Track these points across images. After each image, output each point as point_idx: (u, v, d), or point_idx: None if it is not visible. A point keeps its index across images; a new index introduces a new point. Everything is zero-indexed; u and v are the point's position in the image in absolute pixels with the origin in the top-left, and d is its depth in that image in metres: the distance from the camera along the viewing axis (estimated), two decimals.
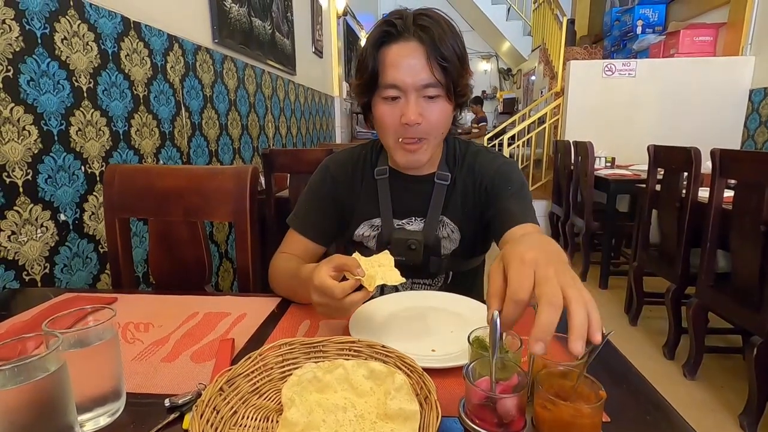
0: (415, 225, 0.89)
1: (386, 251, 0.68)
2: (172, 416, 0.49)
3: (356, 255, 0.65)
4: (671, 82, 3.34)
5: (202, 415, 0.43)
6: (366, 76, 0.79)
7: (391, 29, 0.76)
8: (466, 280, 0.95)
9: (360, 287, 0.61)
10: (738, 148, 3.19)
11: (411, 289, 0.92)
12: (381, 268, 0.64)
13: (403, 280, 0.64)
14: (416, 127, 0.77)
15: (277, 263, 0.87)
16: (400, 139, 0.80)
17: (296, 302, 0.80)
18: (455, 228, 0.89)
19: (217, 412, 0.46)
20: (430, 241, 0.87)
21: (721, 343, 2.05)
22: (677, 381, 1.81)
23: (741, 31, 3.10)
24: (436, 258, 0.89)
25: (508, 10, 7.54)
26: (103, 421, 0.49)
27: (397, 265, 0.88)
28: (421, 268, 0.89)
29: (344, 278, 0.63)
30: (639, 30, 3.89)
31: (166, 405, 0.50)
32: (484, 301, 0.77)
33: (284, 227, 0.94)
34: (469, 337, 0.51)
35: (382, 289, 0.93)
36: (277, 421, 0.48)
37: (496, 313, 0.45)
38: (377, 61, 0.77)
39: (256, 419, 0.48)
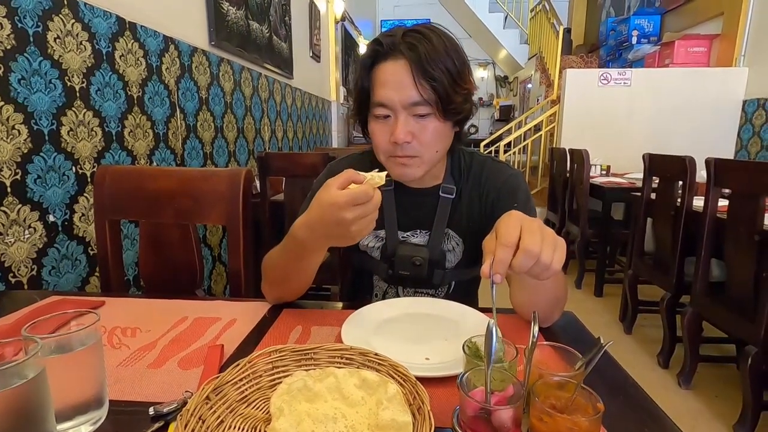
0: (419, 237, 0.88)
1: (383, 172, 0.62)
2: (156, 425, 0.47)
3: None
4: (666, 92, 3.37)
5: (186, 425, 0.41)
6: (358, 95, 0.80)
7: (379, 48, 0.76)
8: (467, 289, 0.94)
9: None
10: (731, 157, 3.22)
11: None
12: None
13: (385, 178, 0.61)
14: (406, 145, 0.75)
15: (271, 251, 0.81)
16: (391, 156, 0.79)
17: (286, 298, 0.78)
18: (460, 240, 0.88)
19: (203, 422, 0.44)
20: (435, 255, 0.86)
21: (716, 353, 2.05)
22: (672, 390, 1.81)
23: (735, 42, 3.14)
24: (440, 271, 0.88)
25: (505, 18, 7.61)
26: (85, 430, 0.47)
27: (401, 278, 0.87)
28: (424, 281, 0.88)
29: None
30: (634, 40, 3.93)
31: (151, 414, 0.48)
32: (481, 309, 0.76)
33: (279, 231, 0.93)
34: (464, 345, 0.50)
35: (384, 296, 0.92)
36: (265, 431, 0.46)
37: (492, 322, 0.44)
38: (368, 79, 0.78)
39: (243, 429, 0.47)
